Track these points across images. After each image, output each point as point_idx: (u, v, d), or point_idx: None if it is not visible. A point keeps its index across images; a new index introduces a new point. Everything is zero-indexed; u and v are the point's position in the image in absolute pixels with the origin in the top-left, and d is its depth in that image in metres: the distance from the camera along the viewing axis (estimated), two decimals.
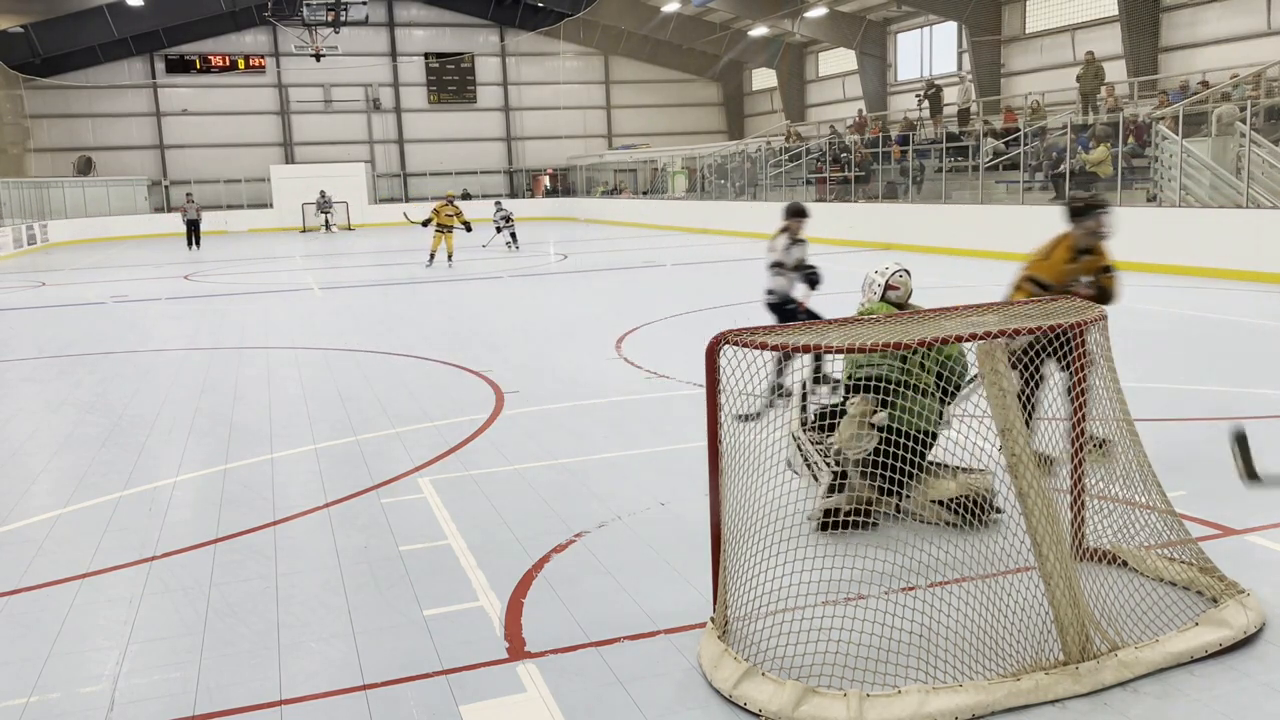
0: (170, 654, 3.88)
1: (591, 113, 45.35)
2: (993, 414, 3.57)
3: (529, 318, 12.96)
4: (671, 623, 3.96)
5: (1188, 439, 6.24)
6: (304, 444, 6.96)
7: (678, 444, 6.50)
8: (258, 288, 16.48)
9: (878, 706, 3.17)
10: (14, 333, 13.36)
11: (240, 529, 5.25)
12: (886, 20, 33.38)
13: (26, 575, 4.73)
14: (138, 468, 6.51)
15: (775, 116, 40.44)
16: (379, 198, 41.90)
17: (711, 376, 3.68)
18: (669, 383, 8.43)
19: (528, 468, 6.14)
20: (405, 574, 4.56)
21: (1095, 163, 17.52)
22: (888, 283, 5.26)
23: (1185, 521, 4.22)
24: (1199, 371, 8.39)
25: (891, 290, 5.24)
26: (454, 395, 8.29)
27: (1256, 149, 14.55)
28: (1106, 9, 24.98)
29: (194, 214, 29.62)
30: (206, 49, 40.61)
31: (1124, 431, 3.98)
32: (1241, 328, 10.33)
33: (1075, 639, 3.41)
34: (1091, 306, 4.04)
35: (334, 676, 3.66)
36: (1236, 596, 3.77)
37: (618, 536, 4.94)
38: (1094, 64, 21.19)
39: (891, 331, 3.72)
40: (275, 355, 10.74)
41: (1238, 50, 21.72)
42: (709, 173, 32.84)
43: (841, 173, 24.83)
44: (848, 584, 3.78)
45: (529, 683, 3.55)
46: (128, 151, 40.17)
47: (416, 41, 43.12)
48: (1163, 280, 14.16)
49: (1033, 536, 3.50)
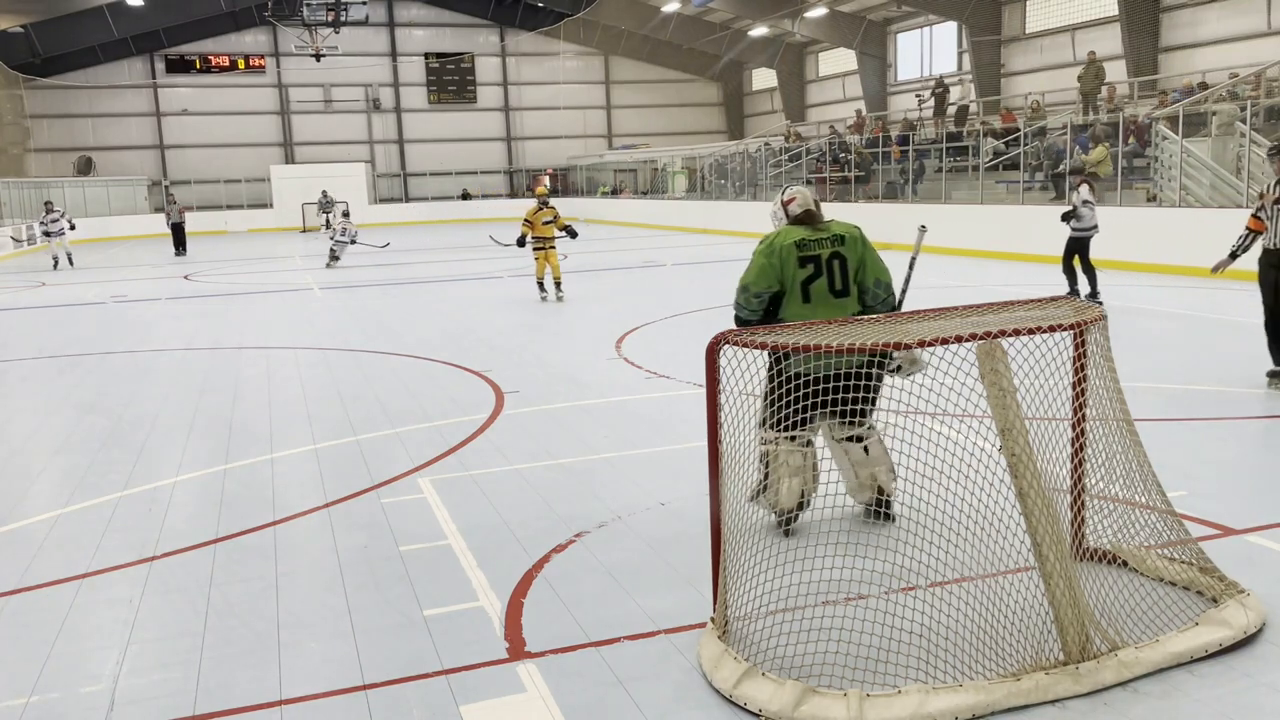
0: (170, 654, 3.88)
1: (591, 113, 45.36)
2: (993, 414, 3.57)
3: (529, 318, 12.96)
4: (671, 623, 3.96)
5: (1188, 439, 6.24)
6: (304, 444, 6.96)
7: (678, 444, 6.50)
8: (258, 288, 16.49)
9: (878, 706, 3.17)
10: (14, 333, 13.36)
11: (240, 529, 5.25)
12: (886, 20, 33.39)
13: (26, 575, 4.73)
14: (138, 468, 6.51)
15: (775, 116, 40.46)
16: (379, 198, 41.93)
17: (711, 376, 3.68)
18: (669, 383, 8.43)
19: (528, 468, 6.14)
20: (405, 574, 4.56)
21: (1094, 163, 17.53)
22: (782, 200, 4.97)
23: (1185, 521, 4.23)
24: (1199, 371, 8.39)
25: (791, 205, 4.93)
26: (454, 395, 8.29)
27: (1256, 149, 14.55)
28: (1106, 9, 24.99)
29: (177, 216, 26.46)
30: (206, 49, 40.63)
31: (1124, 431, 3.98)
32: (1241, 328, 10.32)
33: (1075, 639, 3.41)
34: (1091, 307, 4.04)
35: (334, 676, 3.66)
36: (1236, 596, 3.77)
37: (618, 536, 4.94)
38: (1094, 64, 21.20)
39: (891, 331, 3.72)
40: (275, 355, 10.73)
41: (1238, 50, 21.72)
42: (709, 173, 32.85)
43: (841, 173, 24.83)
44: (848, 584, 3.77)
45: (529, 683, 3.55)
46: (128, 151, 40.19)
47: (416, 41, 43.13)
48: (1163, 280, 14.16)
49: (1033, 536, 3.50)
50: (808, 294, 4.72)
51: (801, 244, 4.72)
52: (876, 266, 4.80)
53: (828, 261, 4.73)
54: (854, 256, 4.76)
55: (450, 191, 43.02)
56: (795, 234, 4.77)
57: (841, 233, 4.78)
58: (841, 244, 4.75)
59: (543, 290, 14.85)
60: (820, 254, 4.72)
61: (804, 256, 4.71)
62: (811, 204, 4.93)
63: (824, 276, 4.73)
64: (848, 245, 4.76)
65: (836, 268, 4.74)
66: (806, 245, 4.72)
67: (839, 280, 4.74)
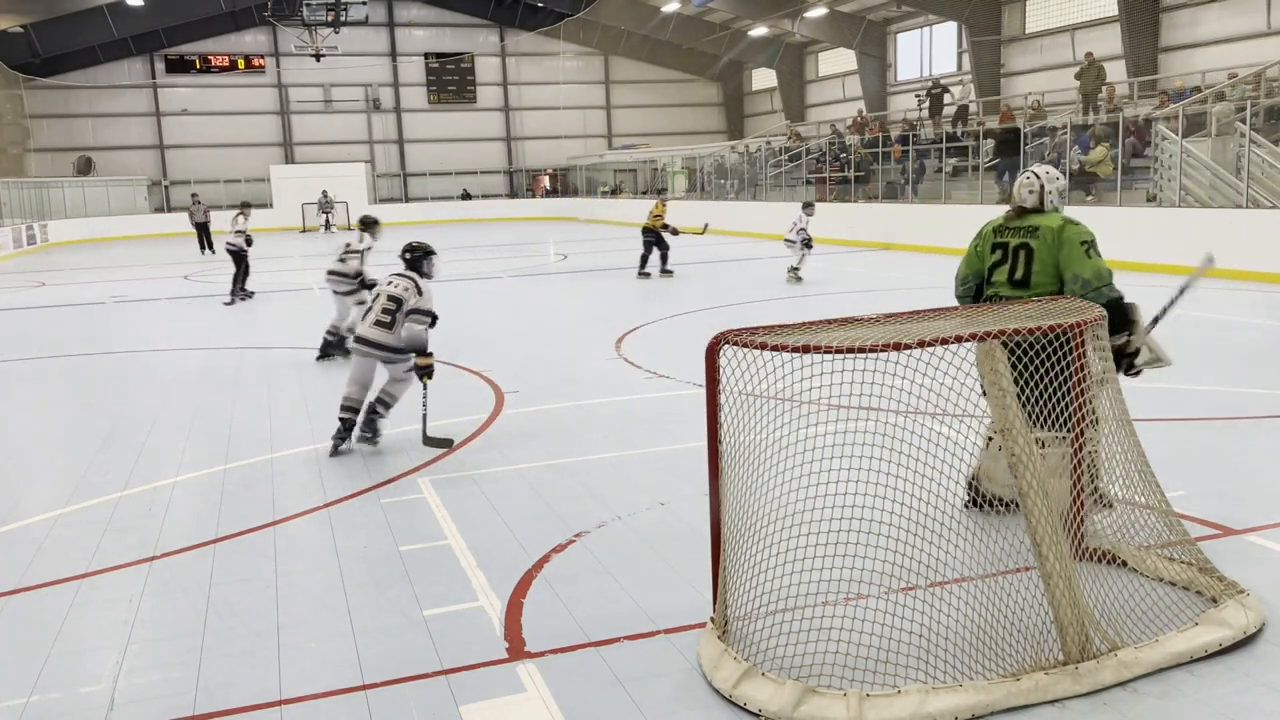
0: (170, 654, 3.88)
1: (591, 113, 45.34)
2: (993, 414, 3.57)
3: (529, 318, 12.96)
4: (671, 623, 3.96)
5: (1188, 439, 6.24)
6: (304, 444, 6.96)
7: (678, 444, 6.50)
8: (258, 287, 16.45)
9: (878, 706, 3.17)
10: (14, 333, 13.36)
11: (240, 529, 5.25)
12: (886, 20, 33.37)
13: (26, 575, 4.73)
14: (138, 468, 6.51)
15: (775, 116, 40.44)
16: (379, 198, 41.92)
17: (711, 376, 3.68)
18: (669, 383, 8.43)
19: (528, 468, 6.14)
20: (405, 574, 4.56)
21: (1094, 163, 17.53)
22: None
23: (1185, 521, 4.23)
24: (1199, 371, 8.38)
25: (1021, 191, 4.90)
26: (454, 395, 8.28)
27: (1256, 149, 14.55)
28: (1106, 9, 24.98)
29: (201, 216, 28.03)
30: (206, 49, 40.61)
31: (1123, 432, 3.98)
32: (1241, 328, 10.33)
33: (1075, 639, 3.41)
34: (1091, 307, 4.04)
35: (334, 676, 3.66)
36: (1236, 596, 3.77)
37: (618, 536, 4.94)
38: (1094, 64, 21.19)
39: (891, 332, 3.72)
40: (275, 355, 10.73)
41: (1238, 50, 21.71)
42: (709, 173, 32.83)
43: (841, 173, 24.83)
44: (848, 584, 3.77)
45: (529, 683, 3.55)
46: (128, 151, 40.17)
47: (416, 41, 43.12)
48: (1163, 280, 14.13)
49: (1032, 536, 3.50)
50: (992, 280, 4.87)
51: (999, 229, 4.89)
52: (1076, 262, 4.61)
53: (1014, 250, 4.77)
54: (1043, 248, 4.69)
55: (450, 192, 42.99)
56: (996, 222, 4.94)
57: (1038, 224, 4.75)
58: (1034, 235, 4.73)
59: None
60: (1010, 241, 4.81)
61: (997, 243, 4.86)
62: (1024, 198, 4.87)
63: (1007, 264, 4.80)
64: (1040, 236, 4.71)
65: (1022, 257, 4.74)
66: (1002, 232, 4.87)
67: (1020, 269, 4.74)
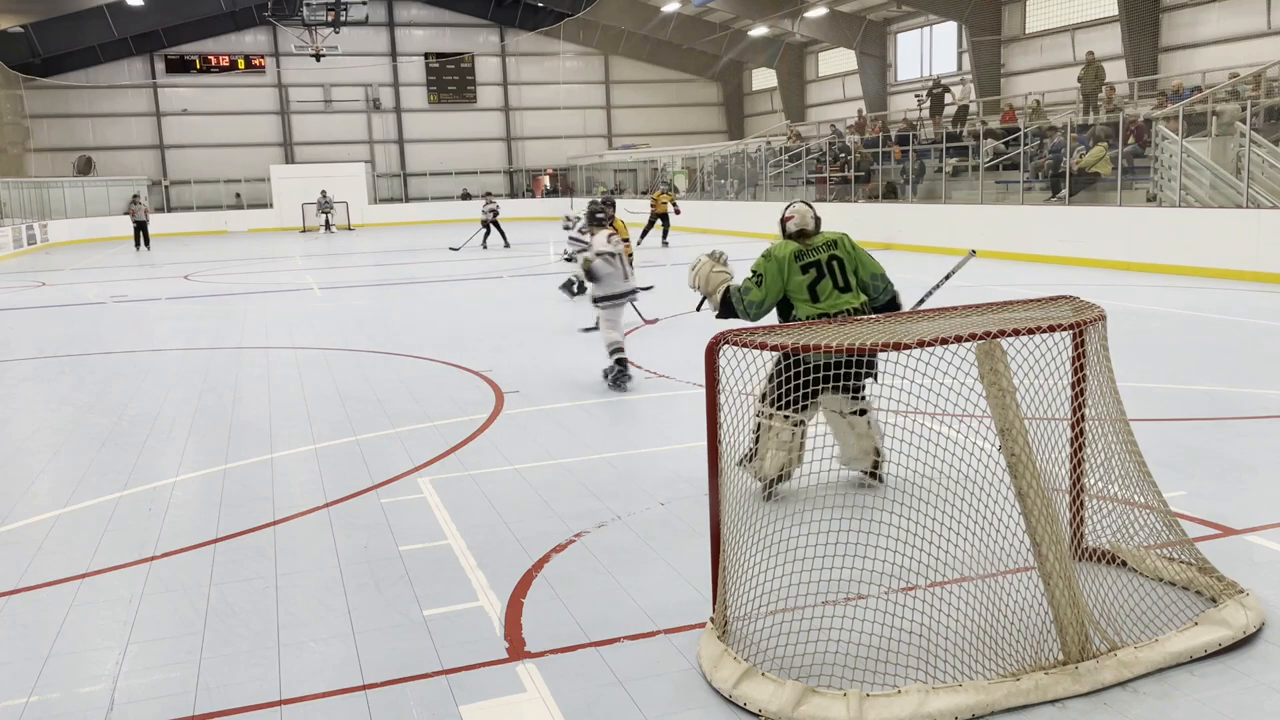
0: (170, 654, 3.88)
1: (591, 113, 45.35)
2: (993, 414, 3.57)
3: (529, 318, 12.96)
4: (671, 623, 3.96)
5: (1187, 439, 6.24)
6: (304, 444, 6.96)
7: (678, 444, 6.50)
8: (258, 288, 16.48)
9: (878, 706, 3.17)
10: (14, 333, 13.36)
11: (240, 529, 5.25)
12: (886, 20, 33.39)
13: (26, 575, 4.73)
14: (138, 468, 6.51)
15: (775, 116, 40.45)
16: (379, 198, 41.93)
17: (711, 376, 3.68)
18: (669, 383, 8.43)
19: (528, 468, 6.14)
20: (405, 574, 4.56)
21: (1090, 163, 17.53)
22: (783, 217, 5.50)
23: (1185, 521, 4.23)
24: (1198, 371, 8.39)
25: (789, 223, 5.45)
26: (454, 395, 8.29)
27: (1256, 149, 14.56)
28: (1106, 9, 24.99)
29: (142, 215, 30.91)
30: (206, 49, 40.62)
31: (1121, 432, 3.98)
32: (1241, 328, 10.33)
33: (1075, 639, 3.41)
34: (1092, 306, 4.04)
35: (334, 676, 3.66)
36: (1236, 596, 3.77)
37: (618, 536, 4.94)
38: (1094, 64, 21.20)
39: (891, 332, 3.72)
40: (275, 355, 10.74)
41: (1238, 50, 21.73)
42: (709, 173, 32.83)
43: (841, 173, 24.83)
44: (848, 584, 3.77)
45: (529, 683, 3.55)
46: (128, 151, 40.18)
47: (416, 41, 43.12)
48: (1163, 280, 14.17)
49: (1032, 536, 3.50)
50: (815, 294, 5.32)
51: (798, 254, 5.35)
52: (870, 263, 5.46)
53: (827, 264, 5.35)
54: (848, 257, 5.40)
55: (450, 191, 42.99)
56: (790, 247, 5.38)
57: (832, 238, 5.44)
58: (835, 248, 5.40)
59: None
60: (819, 258, 5.35)
61: (807, 263, 5.34)
62: (809, 223, 5.47)
63: (827, 277, 5.33)
64: (840, 248, 5.41)
65: (837, 268, 5.36)
66: (803, 255, 5.36)
67: (840, 278, 5.35)
